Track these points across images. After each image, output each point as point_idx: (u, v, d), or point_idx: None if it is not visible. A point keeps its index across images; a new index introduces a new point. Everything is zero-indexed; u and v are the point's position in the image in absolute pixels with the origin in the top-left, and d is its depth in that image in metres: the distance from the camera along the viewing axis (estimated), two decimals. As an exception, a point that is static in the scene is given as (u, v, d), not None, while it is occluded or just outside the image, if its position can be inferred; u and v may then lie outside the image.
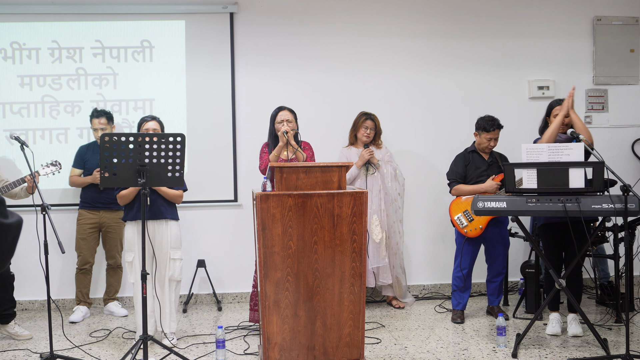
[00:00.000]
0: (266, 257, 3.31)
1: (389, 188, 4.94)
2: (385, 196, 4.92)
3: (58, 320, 4.42)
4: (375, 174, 4.94)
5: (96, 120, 4.81)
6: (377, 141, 5.04)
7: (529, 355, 3.73)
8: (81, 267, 4.86)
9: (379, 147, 5.03)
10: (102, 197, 4.82)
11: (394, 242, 4.95)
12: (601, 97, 5.66)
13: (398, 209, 4.98)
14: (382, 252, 4.85)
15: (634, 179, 5.38)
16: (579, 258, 3.94)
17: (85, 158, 4.85)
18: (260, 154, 4.45)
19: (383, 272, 4.91)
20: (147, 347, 3.32)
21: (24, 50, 5.16)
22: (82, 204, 4.90)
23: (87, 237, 4.84)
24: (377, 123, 4.99)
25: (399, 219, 4.98)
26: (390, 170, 4.96)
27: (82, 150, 4.91)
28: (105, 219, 4.86)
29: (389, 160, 5.00)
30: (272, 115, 4.38)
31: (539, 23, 5.58)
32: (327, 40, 5.41)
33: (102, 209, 4.85)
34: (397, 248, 4.97)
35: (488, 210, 3.75)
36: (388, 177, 4.95)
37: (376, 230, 4.86)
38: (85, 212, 4.86)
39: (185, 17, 5.27)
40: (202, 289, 5.30)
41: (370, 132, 4.95)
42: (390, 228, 4.94)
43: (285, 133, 4.18)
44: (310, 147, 4.43)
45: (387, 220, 4.93)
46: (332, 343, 3.38)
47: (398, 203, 4.98)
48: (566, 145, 3.76)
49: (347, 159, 4.99)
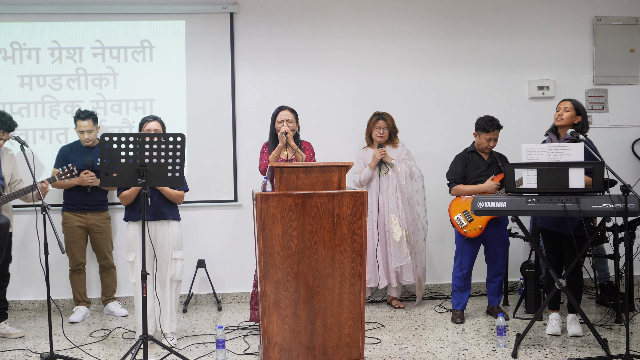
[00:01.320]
0: (266, 257, 3.31)
1: (404, 187, 4.94)
2: (401, 195, 4.92)
3: (58, 320, 4.42)
4: (389, 174, 4.93)
5: (84, 123, 4.73)
6: (393, 140, 5.03)
7: (529, 355, 3.73)
8: (74, 268, 4.85)
9: (395, 146, 5.02)
10: (89, 198, 4.77)
11: (413, 241, 4.95)
12: (601, 97, 5.66)
13: (416, 206, 4.97)
14: (403, 250, 4.85)
15: (634, 179, 5.38)
16: (579, 258, 3.95)
17: (69, 159, 4.75)
18: (260, 154, 4.44)
19: (406, 271, 4.90)
20: (147, 347, 3.32)
21: (24, 50, 5.16)
22: (67, 206, 4.83)
23: (77, 239, 4.80)
24: (389, 122, 4.98)
25: (418, 216, 4.97)
26: (405, 168, 4.95)
27: (65, 151, 4.83)
28: (92, 221, 4.82)
29: (404, 158, 4.99)
30: (273, 114, 4.38)
31: (539, 23, 5.58)
32: (327, 40, 5.41)
33: (89, 211, 4.81)
34: (417, 246, 4.97)
35: (488, 210, 3.75)
36: (402, 176, 4.94)
37: (395, 229, 4.86)
38: (71, 214, 4.80)
39: (185, 17, 5.27)
40: (202, 289, 5.30)
41: (384, 132, 4.95)
42: (409, 226, 4.94)
43: (284, 134, 4.17)
44: (310, 147, 4.43)
45: (406, 219, 4.92)
46: (332, 343, 3.38)
47: (415, 200, 4.97)
48: (566, 145, 3.76)
49: (364, 160, 5.00)
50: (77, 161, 4.74)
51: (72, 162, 4.72)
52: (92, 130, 4.78)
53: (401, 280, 4.93)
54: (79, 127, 4.77)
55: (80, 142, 4.85)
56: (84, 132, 4.75)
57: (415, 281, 4.98)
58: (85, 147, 4.82)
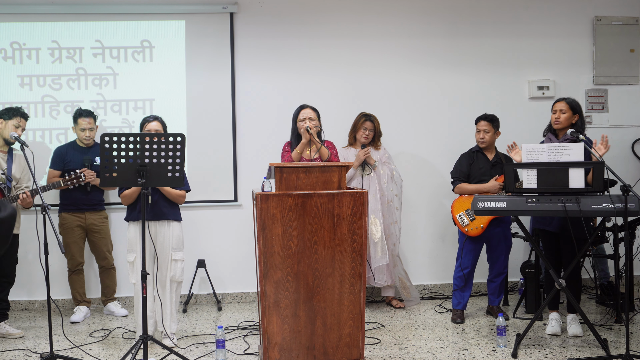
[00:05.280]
0: (266, 257, 3.31)
1: (385, 189, 4.94)
2: (381, 197, 4.92)
3: (58, 321, 4.42)
4: (371, 175, 4.93)
5: (84, 120, 4.73)
6: (376, 142, 5.03)
7: (529, 355, 3.73)
8: (73, 268, 4.85)
9: (377, 149, 5.03)
10: (88, 198, 4.76)
11: (390, 244, 4.95)
12: (601, 97, 5.66)
13: (395, 210, 4.97)
14: (378, 252, 4.85)
15: (634, 179, 5.38)
16: (579, 258, 3.95)
17: (66, 159, 4.74)
18: (282, 153, 4.39)
19: (379, 273, 4.90)
20: (147, 347, 3.32)
21: (24, 50, 5.16)
22: (64, 206, 4.81)
23: (76, 239, 4.79)
24: (376, 124, 4.99)
25: (395, 221, 4.97)
26: (387, 171, 4.96)
27: (62, 151, 4.81)
28: (91, 220, 4.82)
29: (386, 161, 5.00)
30: (295, 113, 4.35)
31: (539, 23, 5.57)
32: (327, 40, 5.41)
33: (88, 211, 4.80)
34: (393, 249, 4.96)
35: (488, 210, 3.75)
36: (384, 178, 4.95)
37: (374, 230, 4.86)
38: (69, 215, 4.79)
39: (185, 17, 5.28)
40: (202, 289, 5.30)
41: (369, 133, 4.95)
42: (387, 229, 4.94)
43: (308, 129, 4.13)
44: (333, 146, 4.40)
45: (384, 222, 4.92)
46: (332, 343, 3.38)
47: (394, 204, 4.97)
48: (566, 145, 3.76)
49: (345, 159, 4.98)
50: (75, 161, 4.73)
51: (69, 162, 4.73)
52: (93, 128, 4.78)
53: (375, 282, 4.91)
54: (80, 125, 4.76)
55: (76, 142, 4.84)
56: (86, 130, 4.74)
57: (395, 282, 4.96)
58: (82, 147, 4.81)
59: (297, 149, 4.19)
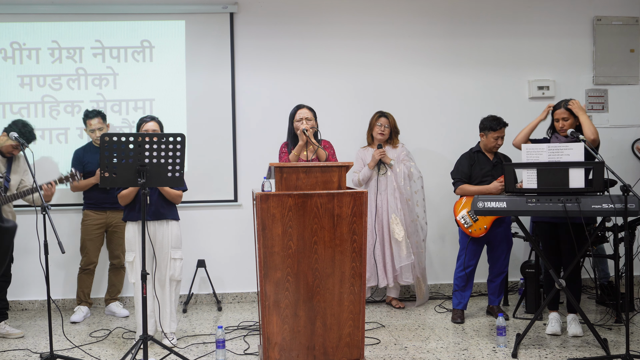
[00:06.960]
0: (266, 257, 3.31)
1: (402, 187, 4.93)
2: (399, 195, 4.92)
3: (58, 320, 4.42)
4: (388, 174, 4.93)
5: (93, 121, 4.76)
6: (393, 140, 5.03)
7: (529, 355, 3.73)
8: (85, 267, 4.85)
9: (395, 146, 5.02)
10: (109, 197, 4.76)
11: (413, 241, 4.95)
12: (601, 97, 5.66)
13: (415, 207, 4.97)
14: (403, 250, 4.84)
15: (634, 179, 5.38)
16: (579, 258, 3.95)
17: (84, 161, 4.79)
18: (279, 154, 4.39)
19: (405, 271, 4.90)
20: (147, 347, 3.32)
21: (24, 50, 5.16)
22: (87, 204, 4.87)
23: (94, 237, 4.83)
24: (391, 121, 4.99)
25: (416, 217, 4.96)
26: (403, 169, 4.95)
27: (79, 154, 4.85)
28: (112, 219, 4.84)
29: (404, 159, 4.99)
30: (291, 113, 4.34)
31: (539, 23, 5.57)
32: (327, 40, 5.41)
33: (109, 209, 4.83)
34: (417, 247, 4.96)
35: (488, 210, 3.75)
36: (401, 177, 4.94)
37: (397, 229, 4.85)
38: (92, 212, 4.84)
39: (185, 17, 5.28)
40: (202, 289, 5.30)
41: (385, 129, 4.94)
42: (408, 227, 4.93)
43: (304, 131, 4.12)
44: (330, 146, 4.39)
45: (405, 220, 4.92)
46: (332, 343, 3.38)
47: (414, 201, 4.96)
48: (566, 145, 3.76)
49: (363, 159, 5.00)
50: (93, 162, 4.76)
51: (88, 164, 4.79)
52: (102, 127, 4.80)
53: (400, 281, 4.93)
54: (90, 127, 4.79)
55: (92, 143, 4.87)
56: (95, 130, 4.77)
57: (414, 281, 4.97)
58: (98, 148, 4.82)
59: (294, 151, 4.18)
